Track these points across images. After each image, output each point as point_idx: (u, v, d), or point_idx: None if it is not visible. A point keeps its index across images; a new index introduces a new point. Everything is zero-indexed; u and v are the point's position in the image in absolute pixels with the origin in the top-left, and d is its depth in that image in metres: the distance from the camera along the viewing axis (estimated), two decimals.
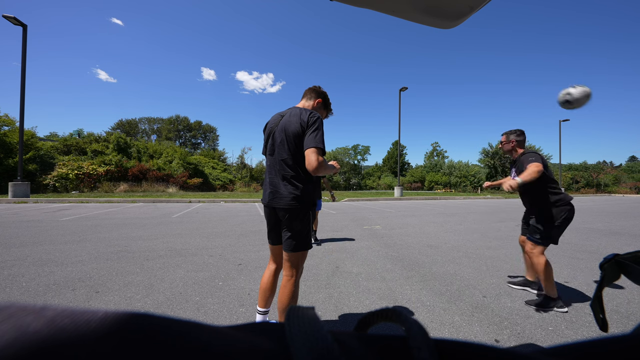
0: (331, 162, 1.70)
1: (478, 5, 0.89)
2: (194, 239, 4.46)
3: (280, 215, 1.57)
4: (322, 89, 1.77)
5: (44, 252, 3.52)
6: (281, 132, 1.54)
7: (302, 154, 1.51)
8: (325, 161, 1.52)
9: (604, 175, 37.60)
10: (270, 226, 1.67)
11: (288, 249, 1.54)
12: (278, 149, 1.55)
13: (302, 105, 1.72)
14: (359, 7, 0.94)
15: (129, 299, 2.23)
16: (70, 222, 5.88)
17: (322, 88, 1.78)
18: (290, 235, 1.53)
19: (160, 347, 0.10)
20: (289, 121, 1.52)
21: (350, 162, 35.39)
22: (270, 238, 1.69)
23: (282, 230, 1.59)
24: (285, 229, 1.55)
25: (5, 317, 0.10)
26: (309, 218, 1.57)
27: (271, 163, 1.60)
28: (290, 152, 1.51)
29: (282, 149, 1.53)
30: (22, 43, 10.98)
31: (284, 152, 1.53)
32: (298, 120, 1.50)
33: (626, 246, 4.46)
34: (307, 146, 1.45)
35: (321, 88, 1.77)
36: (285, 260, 1.57)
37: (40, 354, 0.09)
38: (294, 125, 1.49)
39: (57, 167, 16.76)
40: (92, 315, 0.11)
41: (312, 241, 3.75)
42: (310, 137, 1.45)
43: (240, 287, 2.54)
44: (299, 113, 1.53)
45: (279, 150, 1.55)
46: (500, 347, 0.15)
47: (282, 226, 1.58)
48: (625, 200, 19.04)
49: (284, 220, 1.55)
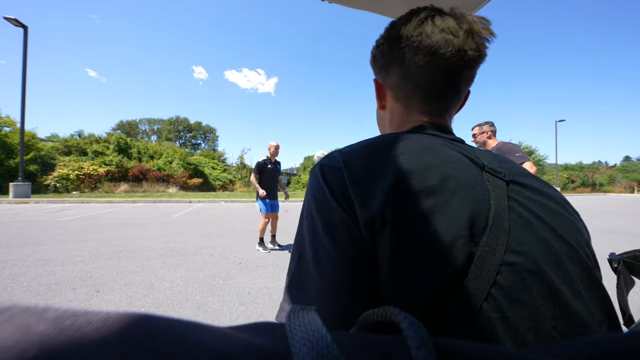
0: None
1: (475, 7, 0.91)
2: (194, 239, 4.48)
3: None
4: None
5: (45, 251, 3.54)
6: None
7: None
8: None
9: (599, 175, 37.66)
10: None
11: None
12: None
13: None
14: (356, 9, 0.95)
15: (130, 298, 2.24)
16: (71, 222, 5.90)
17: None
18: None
19: (161, 348, 0.10)
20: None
21: None
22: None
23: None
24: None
25: (8, 318, 0.10)
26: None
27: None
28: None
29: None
30: (23, 45, 11.01)
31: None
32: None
33: (623, 245, 4.49)
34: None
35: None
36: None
37: (43, 355, 0.09)
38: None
39: (58, 168, 16.78)
40: (94, 316, 0.11)
41: (263, 248, 3.81)
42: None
43: (240, 286, 2.55)
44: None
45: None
46: (499, 347, 0.15)
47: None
48: (620, 200, 19.09)
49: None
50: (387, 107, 0.48)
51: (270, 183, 3.92)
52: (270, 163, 3.93)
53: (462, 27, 0.38)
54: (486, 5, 0.86)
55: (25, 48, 11.07)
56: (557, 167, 27.08)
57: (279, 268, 3.09)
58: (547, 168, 35.01)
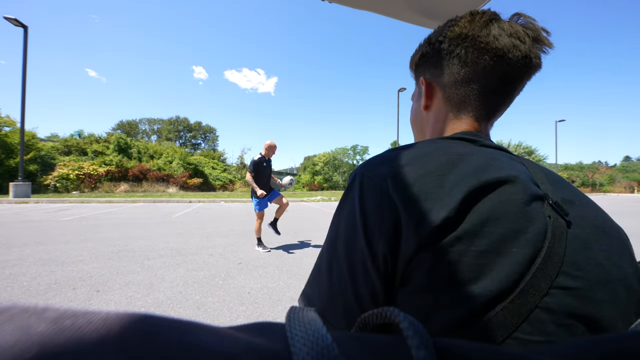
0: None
1: (476, 7, 0.91)
2: (194, 239, 4.48)
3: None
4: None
5: (45, 251, 3.54)
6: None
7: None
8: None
9: (599, 175, 37.71)
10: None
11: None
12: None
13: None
14: (357, 9, 0.95)
15: (130, 298, 2.25)
16: (71, 222, 5.90)
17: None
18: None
19: (161, 348, 0.10)
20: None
21: (349, 162, 35.39)
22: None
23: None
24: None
25: (8, 318, 0.10)
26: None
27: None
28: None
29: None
30: (23, 45, 11.01)
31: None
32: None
33: None
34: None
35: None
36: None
37: (43, 355, 0.09)
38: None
39: (58, 168, 16.78)
40: (94, 316, 0.11)
41: (263, 248, 3.87)
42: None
43: (240, 285, 2.56)
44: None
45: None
46: (499, 347, 0.15)
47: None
48: (620, 200, 19.07)
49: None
50: (432, 107, 0.46)
51: (266, 180, 3.95)
52: (265, 161, 3.94)
53: (528, 35, 0.38)
54: (486, 6, 0.86)
55: (25, 48, 11.07)
56: (557, 167, 27.11)
57: (279, 268, 3.09)
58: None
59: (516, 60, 0.38)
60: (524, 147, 33.54)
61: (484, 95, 0.41)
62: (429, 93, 0.46)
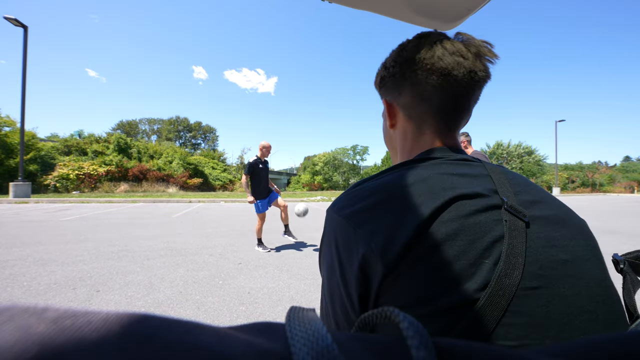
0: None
1: (476, 7, 0.91)
2: (194, 239, 4.48)
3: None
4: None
5: (45, 251, 3.54)
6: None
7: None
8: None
9: (599, 175, 37.67)
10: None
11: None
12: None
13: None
14: (357, 9, 0.95)
15: (130, 298, 2.25)
16: (71, 222, 5.90)
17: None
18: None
19: (161, 348, 0.10)
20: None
21: (349, 162, 35.38)
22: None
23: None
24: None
25: (8, 318, 0.10)
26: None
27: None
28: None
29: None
30: (23, 45, 11.01)
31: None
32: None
33: (623, 245, 4.49)
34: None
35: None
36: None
37: (43, 355, 0.09)
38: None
39: (58, 168, 16.78)
40: (94, 316, 0.11)
41: (263, 248, 3.90)
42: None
43: (240, 285, 2.56)
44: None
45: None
46: (499, 347, 0.15)
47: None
48: (620, 200, 19.07)
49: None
50: (398, 125, 0.49)
51: (263, 182, 3.95)
52: (261, 163, 3.94)
53: (470, 51, 0.41)
54: (486, 6, 0.86)
55: (25, 48, 11.07)
56: (557, 167, 27.10)
57: (279, 268, 3.09)
58: (547, 168, 34.98)
59: (462, 76, 0.40)
60: (524, 147, 33.49)
61: (440, 111, 0.44)
62: (391, 113, 0.50)
